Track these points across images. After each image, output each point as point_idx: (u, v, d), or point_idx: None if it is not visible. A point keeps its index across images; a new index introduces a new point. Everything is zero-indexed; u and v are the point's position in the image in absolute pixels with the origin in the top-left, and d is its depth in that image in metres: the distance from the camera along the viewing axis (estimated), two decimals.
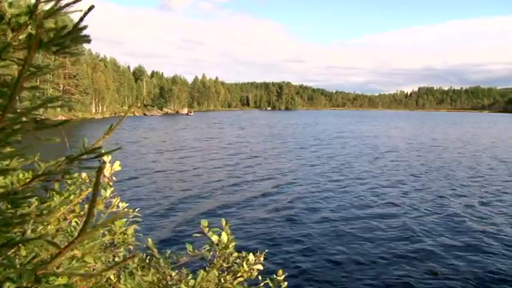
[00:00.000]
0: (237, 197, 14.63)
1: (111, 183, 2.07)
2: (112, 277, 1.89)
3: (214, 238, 2.14)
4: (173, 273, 2.26)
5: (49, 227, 1.47)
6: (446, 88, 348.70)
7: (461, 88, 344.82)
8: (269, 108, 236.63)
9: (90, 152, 1.10)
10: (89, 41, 0.86)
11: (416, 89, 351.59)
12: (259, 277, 2.26)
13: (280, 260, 8.33)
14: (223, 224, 2.19)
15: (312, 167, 23.02)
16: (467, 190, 17.36)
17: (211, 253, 2.21)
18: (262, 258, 2.36)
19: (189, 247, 2.18)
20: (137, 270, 2.15)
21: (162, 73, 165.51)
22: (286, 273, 2.25)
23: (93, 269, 1.56)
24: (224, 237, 2.21)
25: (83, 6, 0.91)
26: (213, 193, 15.11)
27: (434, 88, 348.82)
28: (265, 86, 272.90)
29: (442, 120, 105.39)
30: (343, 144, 37.17)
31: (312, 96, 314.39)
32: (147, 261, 2.27)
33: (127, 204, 2.19)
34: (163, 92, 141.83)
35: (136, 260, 2.23)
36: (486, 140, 43.83)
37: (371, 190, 16.75)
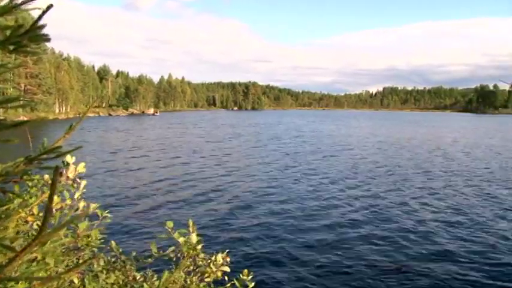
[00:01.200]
0: (198, 197, 14.55)
1: (75, 185, 2.02)
2: (75, 280, 1.85)
3: (181, 240, 2.12)
4: (138, 275, 2.23)
5: (8, 230, 1.43)
6: (410, 88, 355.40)
7: (425, 88, 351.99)
8: (235, 108, 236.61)
9: (49, 152, 1.07)
10: (48, 40, 0.83)
11: (381, 89, 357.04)
12: (226, 278, 2.25)
13: (246, 259, 8.32)
14: (190, 224, 2.17)
15: (266, 164, 23.45)
16: (411, 185, 17.87)
17: (179, 254, 2.19)
18: (228, 259, 2.35)
19: (153, 248, 2.15)
20: (102, 273, 2.11)
21: (128, 73, 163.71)
22: (252, 274, 2.23)
23: (56, 272, 1.53)
24: (193, 238, 2.19)
25: (42, 4, 0.87)
26: (176, 194, 14.97)
27: (399, 88, 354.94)
28: (232, 86, 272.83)
29: (402, 120, 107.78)
30: (301, 143, 37.70)
31: (278, 96, 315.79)
32: (113, 263, 2.23)
33: (94, 205, 2.15)
34: (128, 92, 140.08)
35: (101, 262, 2.19)
36: (440, 138, 44.95)
37: (324, 188, 17.04)
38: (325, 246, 9.29)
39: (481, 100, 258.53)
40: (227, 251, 2.36)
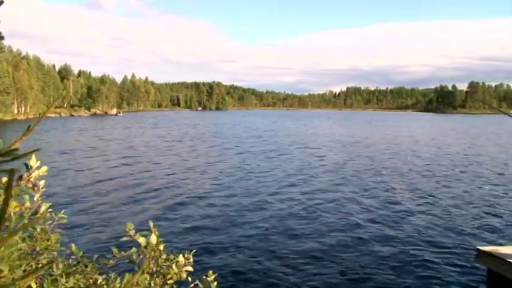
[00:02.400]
0: (155, 197, 14.44)
1: (35, 188, 1.97)
2: (34, 286, 1.81)
3: (142, 240, 2.10)
4: (100, 278, 2.19)
5: None
6: (372, 88, 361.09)
7: (387, 88, 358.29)
8: (200, 108, 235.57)
9: (5, 154, 1.05)
10: (1, 38, 0.78)
11: (344, 89, 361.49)
12: (189, 278, 2.23)
13: (208, 260, 8.31)
14: (151, 226, 2.15)
15: (220, 163, 23.79)
16: (357, 180, 18.44)
17: (141, 256, 2.17)
18: (191, 259, 2.34)
19: (115, 250, 2.12)
20: (62, 277, 2.07)
21: (90, 72, 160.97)
22: (216, 274, 2.23)
23: (12, 279, 1.49)
24: (153, 239, 2.17)
25: None
26: (134, 194, 14.80)
27: (362, 88, 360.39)
28: (196, 86, 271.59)
29: (363, 120, 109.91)
30: (257, 142, 38.14)
31: (242, 96, 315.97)
32: (73, 267, 2.19)
33: (50, 209, 2.10)
34: (91, 92, 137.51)
35: (61, 266, 2.15)
36: (394, 137, 45.96)
37: (273, 184, 17.35)
38: (284, 244, 9.35)
39: (441, 100, 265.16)
40: (194, 251, 2.36)
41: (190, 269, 2.27)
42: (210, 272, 2.25)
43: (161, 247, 2.23)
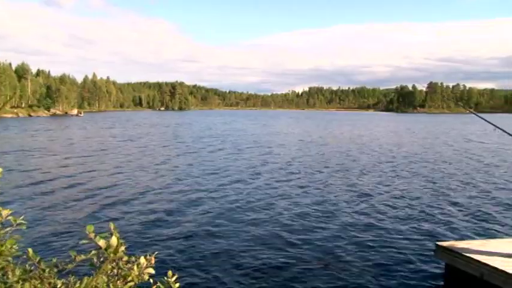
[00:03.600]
0: (111, 198, 14.13)
1: None
2: None
3: (102, 243, 2.06)
4: (59, 283, 2.15)
5: None
6: (335, 88, 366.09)
7: (349, 88, 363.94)
8: (162, 109, 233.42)
9: None
10: None
11: (307, 88, 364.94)
12: (151, 280, 2.20)
13: (171, 261, 8.24)
14: (112, 228, 2.11)
15: (174, 162, 23.77)
16: (301, 177, 18.58)
17: (102, 259, 2.13)
18: (153, 261, 2.31)
19: (72, 253, 2.07)
20: (18, 283, 2.01)
21: (49, 71, 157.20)
22: (176, 275, 2.21)
23: None
24: (114, 241, 2.13)
25: None
26: (94, 197, 14.47)
27: (324, 88, 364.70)
28: (159, 86, 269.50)
29: (323, 119, 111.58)
30: (212, 141, 38.52)
31: (205, 96, 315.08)
32: (30, 272, 2.13)
33: (7, 211, 2.04)
34: (50, 92, 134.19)
35: (17, 272, 2.09)
36: (347, 136, 46.78)
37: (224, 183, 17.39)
38: (249, 244, 9.35)
39: (401, 100, 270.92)
40: (156, 252, 2.33)
41: (151, 271, 2.24)
42: (170, 272, 2.22)
43: (122, 249, 2.20)
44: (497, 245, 7.33)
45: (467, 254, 6.84)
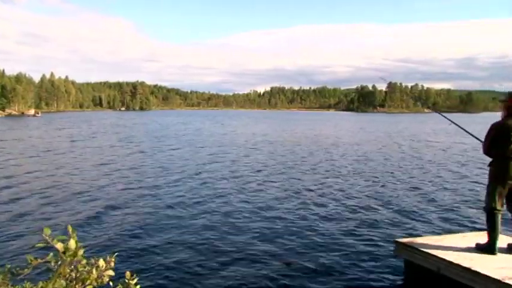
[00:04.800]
0: (64, 201, 13.69)
1: None
2: None
3: (59, 246, 2.02)
4: None
5: None
6: (296, 88, 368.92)
7: (310, 88, 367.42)
8: (123, 109, 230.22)
9: None
10: None
11: (268, 88, 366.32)
12: (111, 283, 2.18)
13: (132, 262, 8.13)
14: (70, 230, 2.07)
15: (129, 162, 23.35)
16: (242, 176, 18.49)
17: (59, 263, 2.08)
18: (113, 263, 2.28)
19: (29, 257, 2.03)
20: None
21: (4, 70, 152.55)
22: (136, 276, 2.19)
23: None
24: (72, 244, 2.10)
25: None
26: (49, 199, 14.09)
27: (286, 88, 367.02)
28: (119, 85, 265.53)
29: (282, 118, 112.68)
30: (163, 140, 38.66)
31: (167, 96, 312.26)
32: None
33: None
34: (5, 92, 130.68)
35: None
36: (300, 135, 47.38)
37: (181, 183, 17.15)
38: (202, 244, 9.32)
39: (362, 100, 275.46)
40: (116, 254, 2.30)
41: (111, 273, 2.21)
42: (128, 273, 2.20)
43: (81, 252, 2.16)
44: (452, 240, 7.57)
45: (425, 250, 7.02)
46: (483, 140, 6.98)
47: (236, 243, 9.47)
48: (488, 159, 6.99)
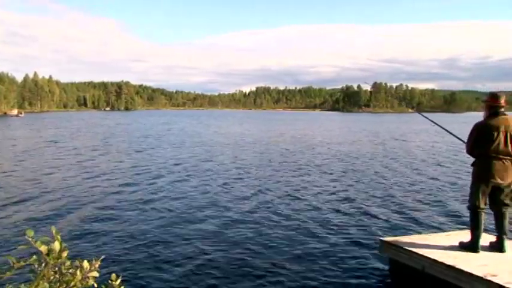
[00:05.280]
0: (44, 202, 13.57)
1: None
2: None
3: (43, 248, 2.00)
4: None
5: None
6: (282, 88, 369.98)
7: (296, 88, 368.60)
8: (108, 109, 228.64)
9: None
10: None
11: (254, 88, 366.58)
12: (95, 285, 2.16)
13: (117, 263, 8.08)
14: (54, 232, 2.05)
15: (112, 162, 23.05)
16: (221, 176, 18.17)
17: (43, 265, 2.06)
18: (98, 265, 2.26)
19: (11, 259, 2.00)
20: None
21: None
22: (121, 278, 2.18)
23: None
24: (56, 246, 2.08)
25: None
26: (33, 200, 13.92)
27: (271, 88, 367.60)
28: (104, 85, 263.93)
29: (266, 118, 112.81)
30: (146, 141, 38.23)
31: (152, 96, 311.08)
32: None
33: None
34: None
35: None
36: (281, 135, 47.53)
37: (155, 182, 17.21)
38: (186, 245, 9.29)
39: (347, 99, 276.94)
40: (103, 257, 2.28)
41: (96, 274, 2.20)
42: (114, 275, 2.18)
43: (65, 254, 2.14)
44: (437, 239, 7.65)
45: (410, 248, 7.08)
46: (466, 140, 7.09)
47: (218, 242, 9.45)
48: (472, 159, 7.08)
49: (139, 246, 9.19)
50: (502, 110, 6.86)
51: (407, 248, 7.13)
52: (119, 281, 2.20)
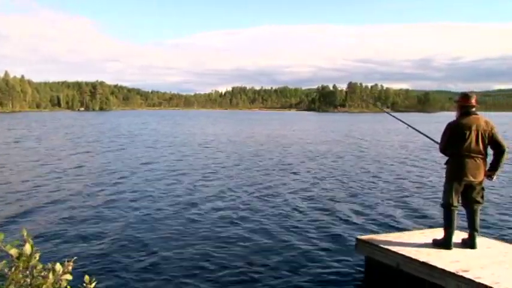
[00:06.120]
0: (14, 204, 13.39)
1: None
2: None
3: (13, 252, 1.96)
4: None
5: None
6: (258, 88, 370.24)
7: (272, 88, 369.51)
8: (82, 109, 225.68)
9: None
10: None
11: (230, 88, 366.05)
12: (68, 287, 2.13)
13: (91, 265, 7.98)
14: (24, 234, 2.02)
15: (83, 162, 22.78)
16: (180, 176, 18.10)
17: (13, 268, 2.03)
18: (71, 267, 2.23)
19: None
20: None
21: None
22: (95, 280, 2.15)
23: None
24: (27, 248, 2.04)
25: None
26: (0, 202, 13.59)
27: (247, 88, 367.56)
28: (78, 85, 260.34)
29: (239, 118, 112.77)
30: (116, 141, 38.09)
31: (127, 96, 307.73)
32: None
33: None
34: None
35: None
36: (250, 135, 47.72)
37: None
38: (164, 245, 9.23)
39: (323, 99, 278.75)
40: (74, 258, 2.25)
41: (69, 277, 2.17)
42: (87, 277, 2.16)
43: (36, 256, 2.11)
44: (411, 237, 7.74)
45: (385, 246, 7.16)
46: (438, 140, 7.24)
47: (193, 243, 9.38)
48: (445, 158, 7.20)
49: (113, 246, 9.08)
50: (473, 109, 7.03)
51: (382, 245, 7.21)
52: (93, 284, 2.17)
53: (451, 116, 7.58)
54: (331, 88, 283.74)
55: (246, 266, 8.05)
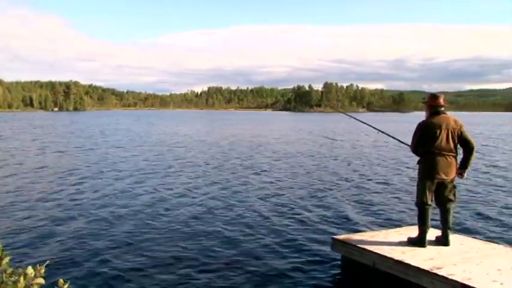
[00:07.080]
0: None
1: None
2: None
3: None
4: None
5: None
6: (234, 88, 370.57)
7: (248, 88, 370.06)
8: (56, 109, 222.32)
9: None
10: None
11: (206, 88, 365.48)
12: None
13: (63, 268, 7.85)
14: None
15: (51, 164, 22.17)
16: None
17: None
18: (43, 271, 2.19)
19: None
20: None
21: None
22: (69, 282, 2.11)
23: None
24: None
25: None
26: None
27: (223, 88, 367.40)
28: (52, 85, 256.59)
29: (212, 119, 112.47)
30: (81, 141, 37.44)
31: (102, 96, 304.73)
32: None
33: None
34: None
35: None
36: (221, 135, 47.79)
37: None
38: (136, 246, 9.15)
39: (299, 99, 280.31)
40: (47, 262, 2.21)
41: (41, 281, 2.13)
42: (61, 280, 2.12)
43: (6, 260, 2.07)
44: (386, 236, 7.85)
45: (361, 245, 7.24)
46: (409, 141, 7.41)
47: (169, 245, 9.30)
48: (417, 158, 7.33)
49: (85, 248, 8.95)
50: (442, 109, 7.23)
51: (358, 245, 7.29)
52: (66, 286, 2.14)
53: (424, 116, 7.68)
54: (307, 88, 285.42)
55: (219, 268, 7.97)
